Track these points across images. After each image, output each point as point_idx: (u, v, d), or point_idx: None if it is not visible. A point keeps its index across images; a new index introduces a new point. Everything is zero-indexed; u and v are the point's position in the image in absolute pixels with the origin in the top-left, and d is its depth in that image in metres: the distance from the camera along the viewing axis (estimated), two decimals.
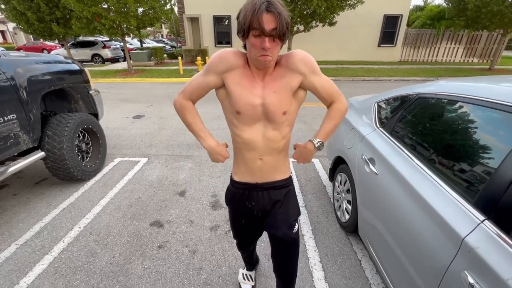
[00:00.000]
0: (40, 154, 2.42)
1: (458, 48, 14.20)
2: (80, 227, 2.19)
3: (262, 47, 0.83)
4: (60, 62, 2.90)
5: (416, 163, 1.31)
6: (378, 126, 1.82)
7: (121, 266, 1.82)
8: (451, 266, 0.93)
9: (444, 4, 12.79)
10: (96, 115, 3.30)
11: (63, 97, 3.11)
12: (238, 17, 0.86)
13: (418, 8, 18.30)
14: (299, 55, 0.95)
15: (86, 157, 3.02)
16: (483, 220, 0.89)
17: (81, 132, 2.93)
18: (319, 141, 1.05)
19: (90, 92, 3.16)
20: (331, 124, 1.06)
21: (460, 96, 1.26)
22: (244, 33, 0.85)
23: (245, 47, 0.93)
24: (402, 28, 13.25)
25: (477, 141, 1.13)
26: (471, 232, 0.90)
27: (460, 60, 14.39)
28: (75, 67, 3.06)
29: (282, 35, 0.84)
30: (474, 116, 1.18)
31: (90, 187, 2.79)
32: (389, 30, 13.32)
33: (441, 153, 1.28)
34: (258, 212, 1.16)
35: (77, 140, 2.81)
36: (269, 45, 0.83)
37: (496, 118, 1.06)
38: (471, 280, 0.82)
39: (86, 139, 3.03)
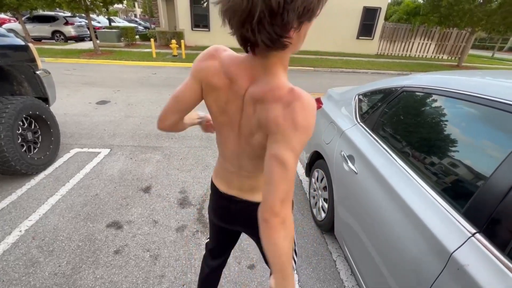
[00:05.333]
0: None
1: (430, 44, 14.77)
2: (21, 231, 1.88)
3: None
4: None
5: (400, 164, 1.20)
6: (359, 120, 1.70)
7: (67, 277, 1.57)
8: (437, 283, 0.83)
9: (420, 0, 13.11)
10: (46, 100, 2.87)
11: (3, 78, 2.64)
12: None
13: (395, 2, 18.70)
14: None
15: (34, 148, 2.63)
16: (474, 233, 0.79)
17: (26, 119, 2.52)
18: None
19: (37, 72, 2.72)
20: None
21: (451, 91, 1.15)
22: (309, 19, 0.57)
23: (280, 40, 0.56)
24: (380, 21, 13.40)
25: (468, 142, 1.03)
26: (461, 246, 0.80)
27: (431, 56, 15.01)
28: (18, 41, 2.60)
29: None
30: (467, 113, 1.08)
31: (38, 182, 2.43)
32: (368, 23, 13.39)
33: (428, 154, 1.18)
34: None
35: (20, 129, 2.42)
36: None
37: (490, 117, 0.96)
38: None
39: (33, 127, 2.62)
